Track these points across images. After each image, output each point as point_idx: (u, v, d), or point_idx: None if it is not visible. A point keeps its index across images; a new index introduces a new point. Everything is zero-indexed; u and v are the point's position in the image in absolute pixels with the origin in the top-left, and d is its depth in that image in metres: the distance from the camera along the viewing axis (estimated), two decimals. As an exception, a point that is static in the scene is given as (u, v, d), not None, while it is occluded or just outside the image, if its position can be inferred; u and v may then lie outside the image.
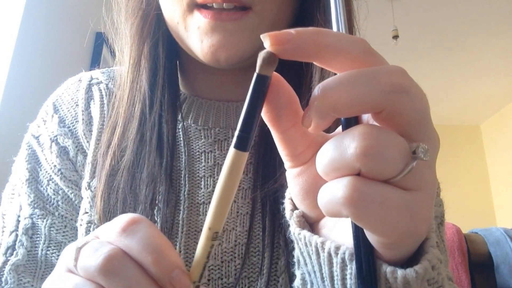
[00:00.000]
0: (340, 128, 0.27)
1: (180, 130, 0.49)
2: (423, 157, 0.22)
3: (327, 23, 0.44)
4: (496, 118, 4.77)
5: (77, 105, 0.52)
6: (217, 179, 0.46)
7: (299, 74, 0.47)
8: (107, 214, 0.44)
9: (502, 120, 4.66)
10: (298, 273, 0.32)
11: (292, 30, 0.23)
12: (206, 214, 0.45)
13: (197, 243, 0.44)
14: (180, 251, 0.43)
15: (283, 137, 0.27)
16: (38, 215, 0.48)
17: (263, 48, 0.44)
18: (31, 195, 0.49)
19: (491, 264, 1.34)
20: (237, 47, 0.42)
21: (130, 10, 0.48)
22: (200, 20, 0.42)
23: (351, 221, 0.24)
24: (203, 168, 0.47)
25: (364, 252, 0.24)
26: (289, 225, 0.31)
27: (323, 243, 0.27)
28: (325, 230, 0.29)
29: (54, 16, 1.50)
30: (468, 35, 3.42)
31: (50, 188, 0.49)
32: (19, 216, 0.48)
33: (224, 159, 0.48)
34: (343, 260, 0.26)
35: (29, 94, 1.27)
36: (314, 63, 0.25)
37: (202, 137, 0.49)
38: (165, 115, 0.47)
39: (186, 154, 0.48)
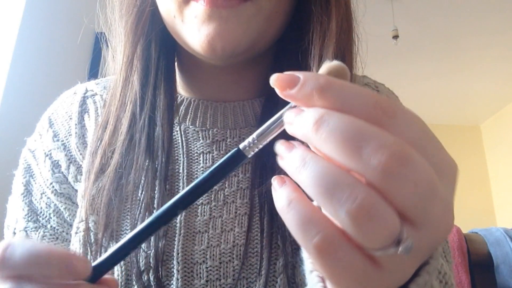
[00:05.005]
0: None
1: (178, 132, 0.49)
2: (404, 253, 0.20)
3: (326, 16, 0.44)
4: (496, 118, 4.77)
5: (71, 118, 0.52)
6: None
7: (298, 52, 0.46)
8: (92, 214, 0.44)
9: (502, 120, 4.66)
10: None
11: (299, 74, 0.23)
12: (204, 216, 0.45)
13: (194, 245, 0.44)
14: (177, 254, 0.43)
15: None
16: (32, 228, 0.49)
17: (258, 40, 0.44)
18: (25, 209, 0.50)
19: (491, 264, 1.34)
20: (232, 36, 0.41)
21: (124, 8, 0.48)
22: (196, 9, 0.41)
23: None
24: (201, 169, 0.47)
25: None
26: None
27: None
28: None
29: (54, 16, 1.50)
30: (468, 35, 3.42)
31: (43, 201, 0.50)
32: (15, 229, 0.50)
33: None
34: None
35: (29, 94, 1.27)
36: None
37: (200, 138, 0.49)
38: (160, 118, 0.47)
39: (185, 156, 0.48)
